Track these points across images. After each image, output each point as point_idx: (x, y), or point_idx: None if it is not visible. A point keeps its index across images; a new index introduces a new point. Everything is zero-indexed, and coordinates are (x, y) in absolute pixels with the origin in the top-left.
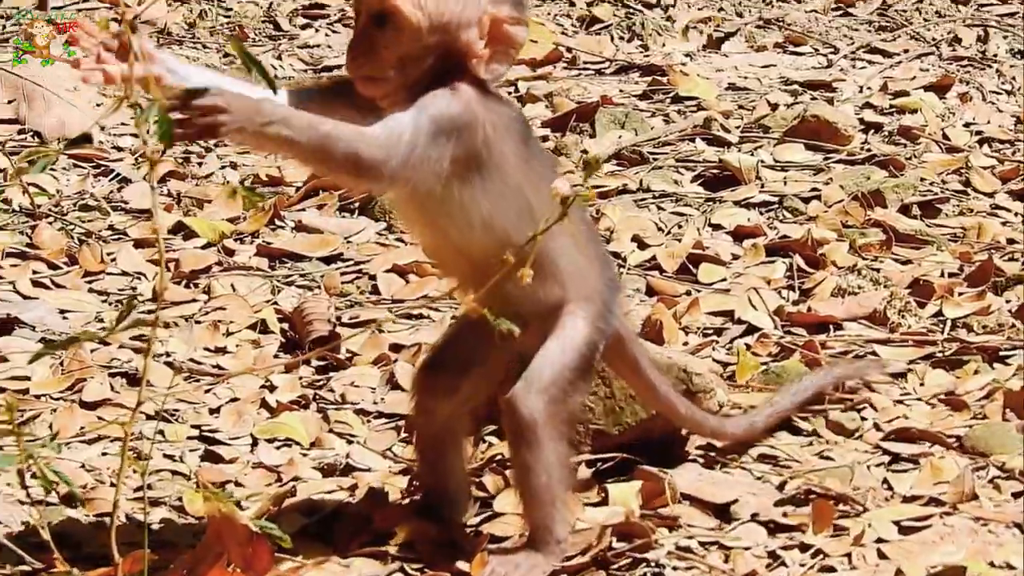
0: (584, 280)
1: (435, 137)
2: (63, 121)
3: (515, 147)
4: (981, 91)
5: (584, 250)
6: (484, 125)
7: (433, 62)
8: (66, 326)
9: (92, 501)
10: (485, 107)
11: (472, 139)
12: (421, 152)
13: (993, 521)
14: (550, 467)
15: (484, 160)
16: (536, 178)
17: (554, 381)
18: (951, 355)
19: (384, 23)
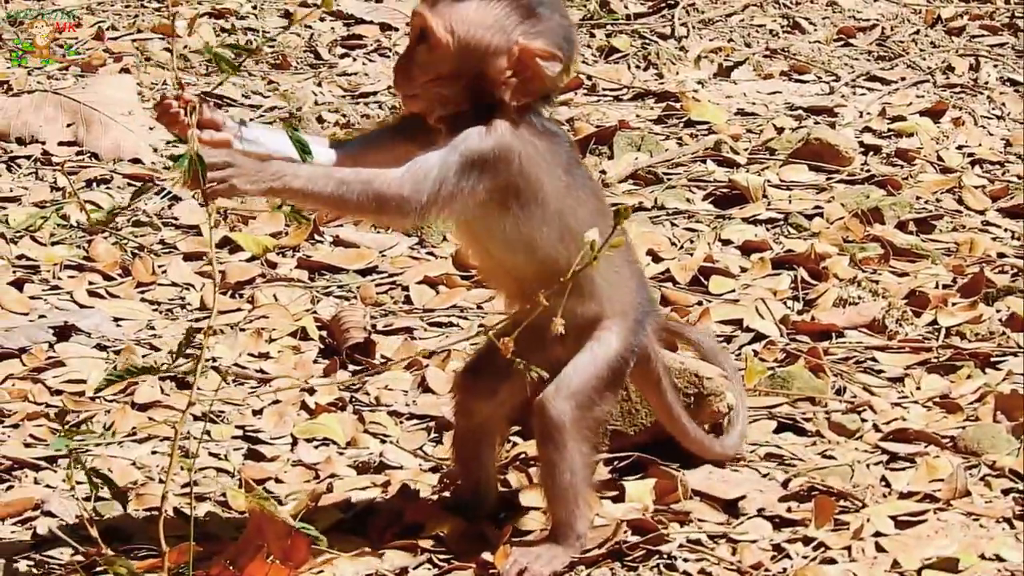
0: (620, 299)
1: (465, 172)
2: (119, 144)
3: (554, 175)
4: (973, 116)
5: (622, 270)
6: (519, 157)
7: (467, 85)
8: (120, 333)
9: (141, 496)
10: (520, 139)
11: (506, 170)
12: (451, 187)
13: (984, 516)
14: (574, 467)
15: (521, 189)
16: (576, 203)
17: (582, 388)
18: (945, 361)
19: (422, 42)
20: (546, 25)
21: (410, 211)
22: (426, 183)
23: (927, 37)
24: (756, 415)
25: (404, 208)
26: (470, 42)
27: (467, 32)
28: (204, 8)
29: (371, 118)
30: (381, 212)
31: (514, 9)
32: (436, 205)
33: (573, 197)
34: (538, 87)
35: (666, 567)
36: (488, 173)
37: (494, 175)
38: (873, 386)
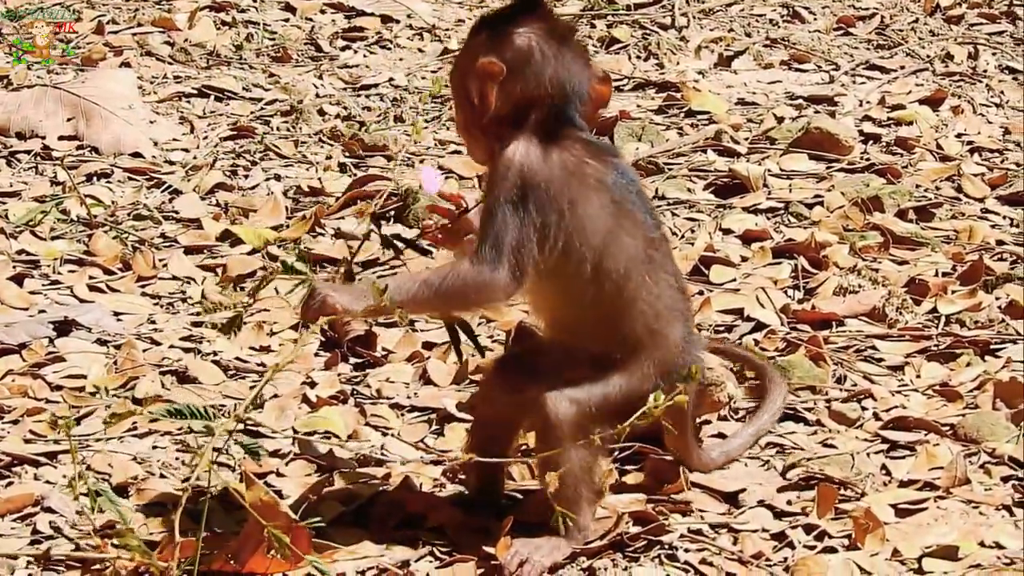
0: (661, 338)
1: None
2: (119, 138)
3: (589, 199)
4: (972, 104)
5: (666, 309)
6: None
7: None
8: (120, 328)
9: (143, 491)
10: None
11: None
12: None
13: (984, 504)
14: (572, 462)
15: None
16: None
17: (588, 399)
18: (945, 349)
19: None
20: (511, 49)
21: (499, 290)
22: (502, 254)
23: (926, 26)
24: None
25: (494, 290)
26: (457, 79)
27: (456, 70)
28: (204, 1)
29: (372, 111)
30: (475, 303)
31: (491, 37)
32: (520, 266)
33: (606, 222)
34: (487, 101)
35: (667, 557)
36: (527, 208)
37: (531, 207)
38: (873, 374)
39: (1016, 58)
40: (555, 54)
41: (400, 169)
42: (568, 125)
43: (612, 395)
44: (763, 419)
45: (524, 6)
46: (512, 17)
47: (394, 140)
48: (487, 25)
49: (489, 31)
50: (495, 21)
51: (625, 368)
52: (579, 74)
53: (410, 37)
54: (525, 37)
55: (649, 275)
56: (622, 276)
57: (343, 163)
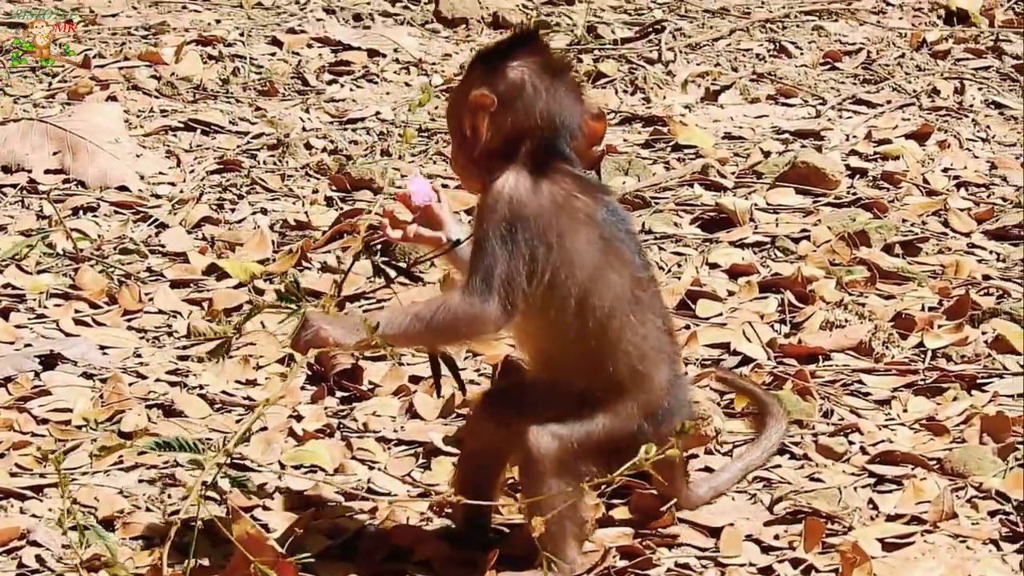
0: (645, 380)
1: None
2: (105, 171)
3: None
4: (958, 139)
5: (651, 351)
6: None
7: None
8: (106, 361)
9: (129, 525)
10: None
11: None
12: (511, 269)
13: (971, 538)
14: (555, 500)
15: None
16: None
17: (572, 434)
18: (932, 383)
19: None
20: (504, 82)
21: (489, 322)
22: (492, 286)
23: (912, 61)
24: (745, 437)
25: (484, 322)
26: (451, 110)
27: (451, 103)
28: (191, 35)
29: (359, 144)
30: (466, 336)
31: (483, 71)
32: (510, 299)
33: (593, 257)
34: (478, 131)
35: None
36: (516, 240)
37: (520, 240)
38: (860, 408)
39: (1002, 93)
40: (547, 88)
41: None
42: (559, 159)
43: (595, 433)
44: (755, 454)
45: (519, 40)
46: (507, 51)
47: (380, 174)
48: (483, 59)
49: (484, 65)
50: (491, 55)
51: (609, 407)
52: (571, 109)
53: (396, 71)
54: (518, 71)
55: (635, 315)
56: (607, 313)
57: (329, 197)
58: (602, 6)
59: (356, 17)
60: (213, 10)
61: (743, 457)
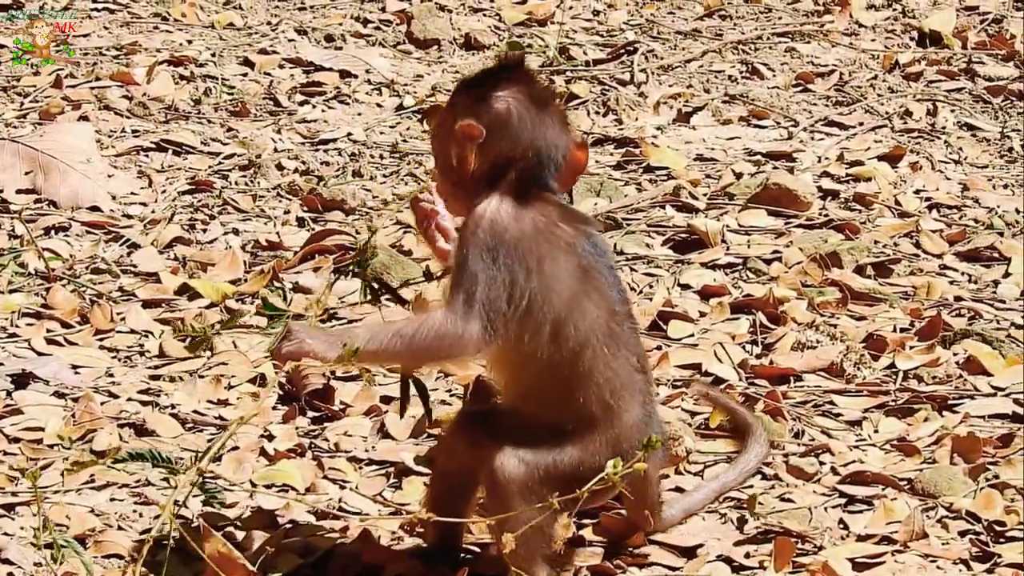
0: (615, 416)
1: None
2: (77, 191)
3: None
4: (930, 160)
5: (623, 387)
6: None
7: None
8: (78, 380)
9: (100, 543)
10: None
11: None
12: (492, 291)
13: (942, 558)
14: (520, 521)
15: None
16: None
17: (538, 461)
18: (903, 404)
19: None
20: (487, 106)
21: (470, 343)
22: (474, 308)
23: (885, 82)
24: (716, 459)
25: (465, 343)
26: (437, 137)
27: (436, 128)
28: (163, 56)
29: (330, 165)
30: (446, 356)
31: (471, 98)
32: (491, 321)
33: (570, 286)
34: (464, 162)
35: None
36: (497, 264)
37: (500, 264)
38: (831, 429)
39: (975, 115)
40: (534, 119)
41: (359, 224)
42: (542, 188)
43: (562, 463)
44: (731, 476)
45: (505, 69)
46: (494, 80)
47: (352, 195)
48: (469, 87)
49: (470, 93)
50: (477, 83)
51: (578, 440)
52: (556, 139)
53: (368, 92)
54: (504, 101)
55: (608, 347)
56: (580, 343)
57: (301, 217)
58: (574, 27)
59: (328, 38)
60: (185, 30)
61: (720, 478)
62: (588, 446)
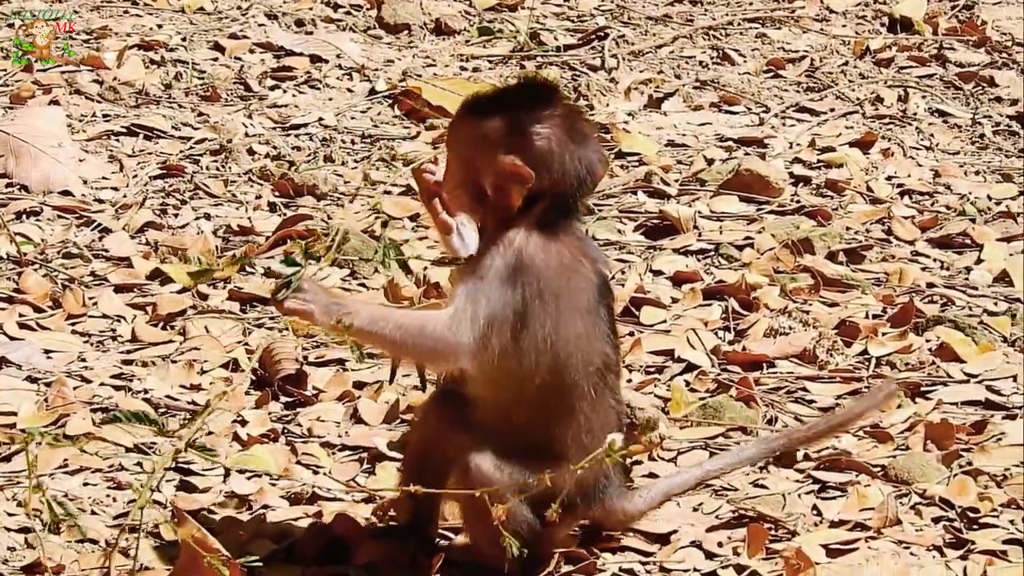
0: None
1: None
2: (48, 176)
3: (569, 297)
4: (902, 147)
5: (600, 430)
6: (538, 272)
7: (475, 197)
8: (51, 365)
9: (74, 528)
10: (543, 251)
11: (526, 286)
12: (500, 317)
13: (915, 545)
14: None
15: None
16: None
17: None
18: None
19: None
20: (533, 145)
21: (463, 355)
22: (476, 323)
23: (856, 68)
24: (690, 446)
25: (457, 354)
26: (465, 157)
27: (464, 147)
28: (133, 40)
29: (302, 150)
30: (434, 359)
31: (509, 128)
32: (488, 340)
33: (580, 325)
34: (510, 201)
35: None
36: (515, 289)
37: (518, 290)
38: (804, 416)
39: (946, 101)
40: (572, 153)
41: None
42: (570, 215)
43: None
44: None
45: (543, 97)
46: (532, 109)
47: (324, 180)
48: (500, 109)
49: (506, 121)
50: (511, 108)
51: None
52: (591, 169)
53: (339, 77)
54: (546, 139)
55: (596, 391)
56: (574, 381)
57: (273, 202)
58: (545, 12)
59: (298, 23)
60: (155, 15)
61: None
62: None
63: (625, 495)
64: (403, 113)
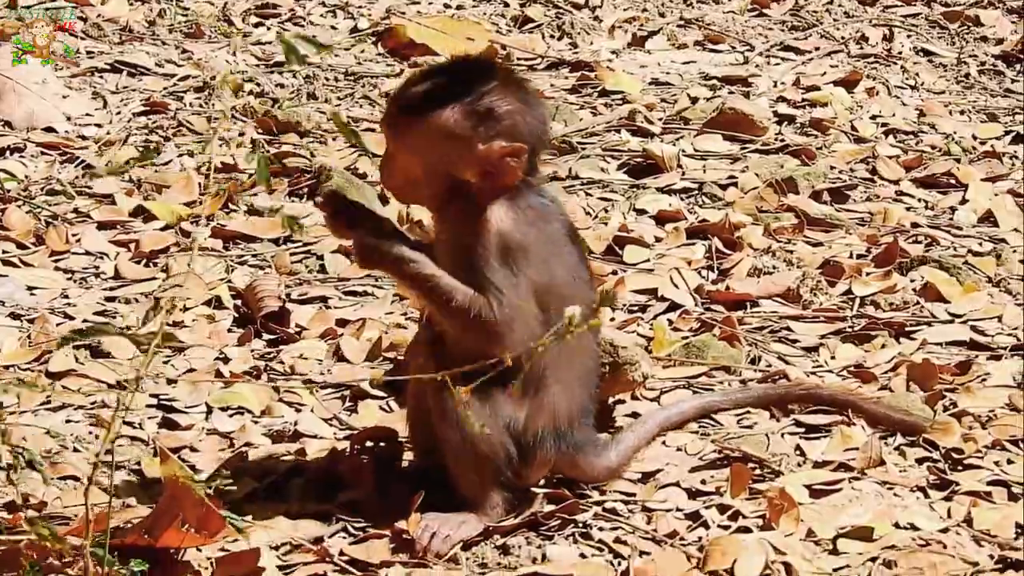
0: (559, 396)
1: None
2: (32, 112)
3: (550, 255)
4: (887, 86)
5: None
6: (523, 235)
7: (443, 187)
8: (33, 302)
9: (56, 465)
10: (522, 216)
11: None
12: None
13: (898, 485)
14: (475, 445)
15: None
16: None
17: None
18: (860, 330)
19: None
20: (502, 123)
21: (499, 342)
22: (513, 309)
23: (841, 7)
24: (673, 385)
25: (496, 338)
26: (433, 157)
27: (428, 149)
28: None
29: (285, 88)
30: (466, 330)
31: (469, 116)
32: (517, 324)
33: (558, 282)
34: (512, 178)
35: (581, 536)
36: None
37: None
38: (788, 355)
39: (931, 40)
40: (530, 113)
41: (313, 147)
42: (532, 175)
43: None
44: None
45: (483, 74)
46: (477, 87)
47: (307, 117)
48: (447, 99)
49: (464, 110)
50: (458, 95)
51: (520, 405)
52: (546, 121)
53: (323, 14)
54: (510, 112)
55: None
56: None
57: (256, 140)
58: None
59: None
60: None
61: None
62: (536, 416)
63: (595, 449)
64: (386, 51)
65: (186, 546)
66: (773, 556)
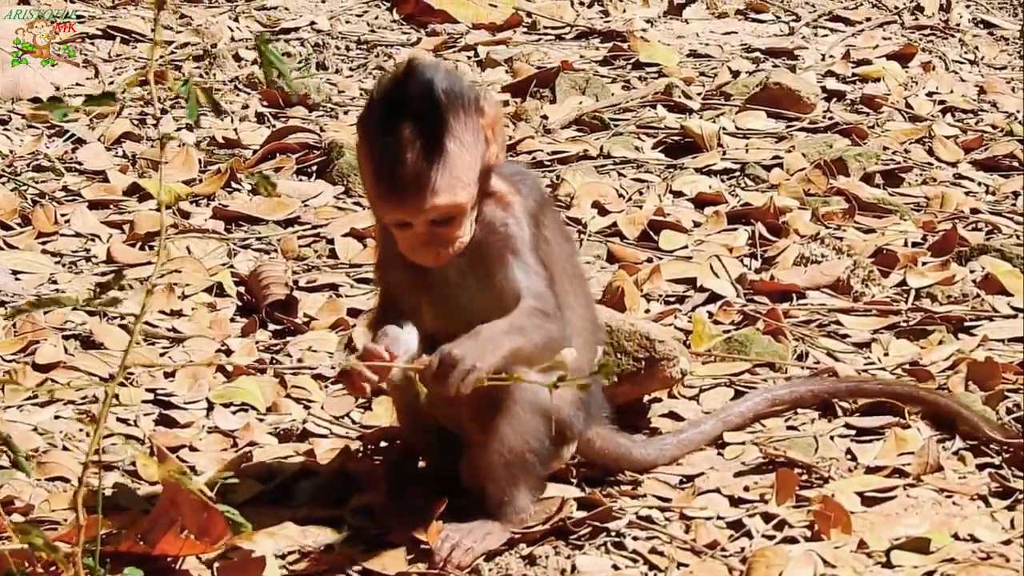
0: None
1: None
2: (17, 82)
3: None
4: (944, 60)
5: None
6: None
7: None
8: (19, 288)
9: (44, 465)
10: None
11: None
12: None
13: (958, 493)
14: (509, 443)
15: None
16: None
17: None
18: (915, 325)
19: (449, 221)
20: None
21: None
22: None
23: None
24: (714, 382)
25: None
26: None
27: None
28: None
29: (292, 56)
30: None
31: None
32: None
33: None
34: (504, 139)
35: (614, 545)
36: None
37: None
38: (837, 351)
39: (992, 11)
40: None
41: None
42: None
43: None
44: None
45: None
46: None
47: (316, 89)
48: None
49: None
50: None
51: None
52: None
53: None
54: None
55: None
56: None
57: (261, 113)
58: None
59: None
60: None
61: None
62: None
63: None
64: (402, 17)
65: (185, 553)
66: (822, 569)
